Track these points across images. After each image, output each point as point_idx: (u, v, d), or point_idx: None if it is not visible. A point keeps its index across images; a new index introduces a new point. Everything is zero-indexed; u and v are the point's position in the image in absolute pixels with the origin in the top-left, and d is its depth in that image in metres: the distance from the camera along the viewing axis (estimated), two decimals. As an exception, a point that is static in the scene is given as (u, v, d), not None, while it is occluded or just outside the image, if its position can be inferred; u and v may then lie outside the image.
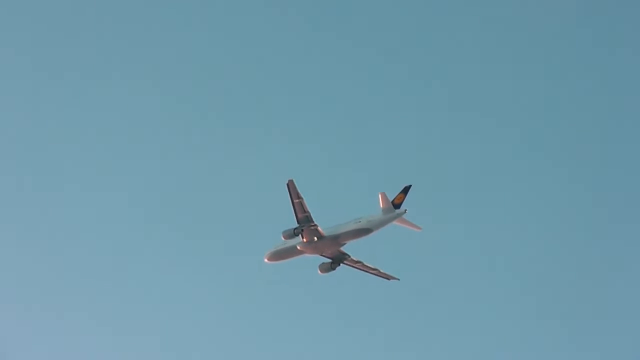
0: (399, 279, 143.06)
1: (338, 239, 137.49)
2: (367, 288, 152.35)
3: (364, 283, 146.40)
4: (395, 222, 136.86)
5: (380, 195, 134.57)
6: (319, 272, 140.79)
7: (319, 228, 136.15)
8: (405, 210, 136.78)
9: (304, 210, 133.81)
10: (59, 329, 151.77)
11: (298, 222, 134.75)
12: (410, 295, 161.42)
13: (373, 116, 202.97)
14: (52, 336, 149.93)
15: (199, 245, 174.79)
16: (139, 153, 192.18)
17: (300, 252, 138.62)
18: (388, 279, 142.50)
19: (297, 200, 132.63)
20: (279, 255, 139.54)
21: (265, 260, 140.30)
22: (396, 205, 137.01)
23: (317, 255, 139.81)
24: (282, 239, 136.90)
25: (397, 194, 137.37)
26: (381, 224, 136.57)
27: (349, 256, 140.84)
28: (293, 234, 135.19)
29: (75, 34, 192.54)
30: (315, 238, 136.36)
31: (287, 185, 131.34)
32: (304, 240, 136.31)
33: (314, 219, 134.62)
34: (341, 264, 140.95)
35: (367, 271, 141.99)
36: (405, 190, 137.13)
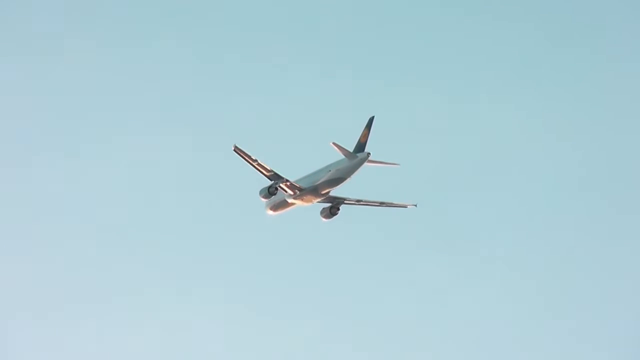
0: (416, 205, 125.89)
1: (317, 189, 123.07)
2: (380, 223, 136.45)
3: (374, 218, 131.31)
4: (367, 164, 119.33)
5: (334, 146, 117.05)
6: (322, 218, 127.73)
7: (294, 182, 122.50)
8: (369, 153, 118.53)
9: (267, 169, 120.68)
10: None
11: (269, 180, 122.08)
12: (429, 220, 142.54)
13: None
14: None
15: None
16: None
17: (293, 204, 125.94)
18: (405, 206, 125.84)
19: (255, 162, 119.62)
20: (277, 207, 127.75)
21: (269, 212, 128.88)
22: (361, 145, 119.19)
23: (313, 203, 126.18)
24: (262, 199, 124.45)
25: (362, 131, 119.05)
26: (350, 171, 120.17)
27: (344, 198, 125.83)
28: (268, 193, 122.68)
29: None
30: (297, 191, 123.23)
31: (235, 151, 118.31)
32: (290, 193, 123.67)
33: (282, 175, 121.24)
34: (340, 208, 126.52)
35: (374, 206, 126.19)
36: (369, 123, 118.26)
